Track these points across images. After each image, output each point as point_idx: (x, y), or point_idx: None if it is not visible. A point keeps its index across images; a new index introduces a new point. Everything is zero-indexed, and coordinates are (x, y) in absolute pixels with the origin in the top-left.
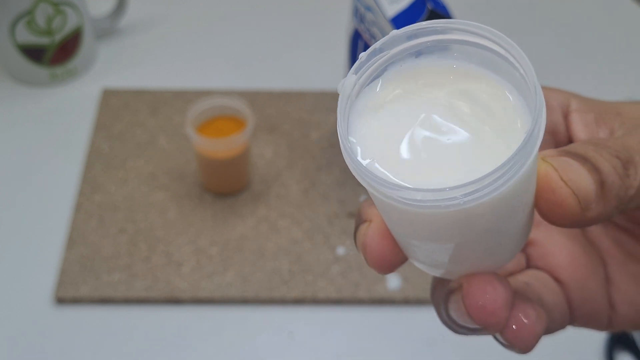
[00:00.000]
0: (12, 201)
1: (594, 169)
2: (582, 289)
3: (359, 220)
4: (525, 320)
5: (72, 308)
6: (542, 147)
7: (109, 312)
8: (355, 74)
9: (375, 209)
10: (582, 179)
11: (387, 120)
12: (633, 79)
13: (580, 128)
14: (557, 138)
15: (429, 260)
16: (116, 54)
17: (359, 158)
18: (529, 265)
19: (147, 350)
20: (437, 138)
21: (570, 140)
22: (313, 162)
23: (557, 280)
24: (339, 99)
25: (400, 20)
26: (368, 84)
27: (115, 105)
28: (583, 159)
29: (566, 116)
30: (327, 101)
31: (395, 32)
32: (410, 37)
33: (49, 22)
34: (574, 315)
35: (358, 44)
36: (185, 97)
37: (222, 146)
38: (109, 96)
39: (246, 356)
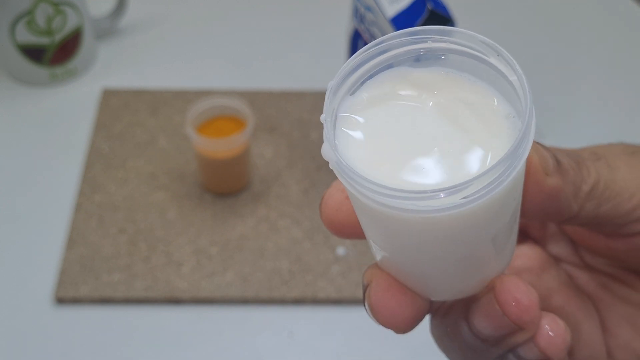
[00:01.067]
0: (12, 201)
1: (550, 153)
2: (578, 332)
3: (364, 286)
4: (558, 326)
5: (72, 308)
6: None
7: (109, 312)
8: (340, 78)
9: (374, 268)
10: (540, 149)
11: (375, 123)
12: (633, 79)
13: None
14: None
15: (375, 244)
16: (116, 54)
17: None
18: None
19: (147, 350)
20: (428, 143)
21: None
22: (313, 162)
23: (551, 307)
24: (326, 95)
25: (400, 20)
26: (363, 82)
27: (115, 105)
28: (536, 143)
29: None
30: None
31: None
32: (411, 34)
33: (49, 22)
34: (572, 356)
35: (358, 44)
36: (185, 97)
37: (222, 146)
38: (109, 96)
39: (246, 356)
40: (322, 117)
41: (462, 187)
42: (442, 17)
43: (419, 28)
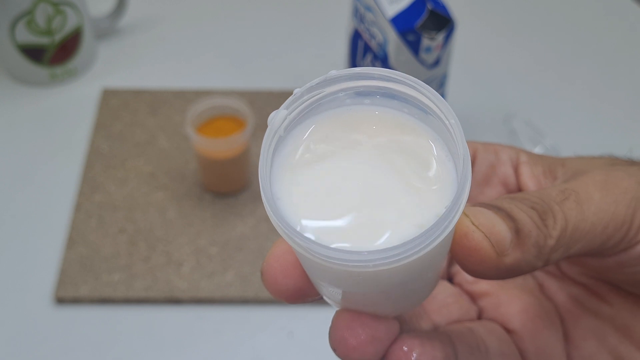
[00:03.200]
0: (12, 201)
1: (508, 217)
2: (536, 339)
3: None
4: (403, 358)
5: (72, 308)
6: (494, 196)
7: (108, 312)
8: (287, 109)
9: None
10: (495, 224)
11: (313, 172)
12: (633, 79)
13: (529, 178)
14: (508, 188)
15: (328, 296)
16: (116, 54)
17: (280, 206)
18: (481, 317)
19: (147, 350)
20: (364, 191)
21: (519, 190)
22: None
23: (508, 330)
24: (266, 134)
25: (400, 20)
26: (298, 125)
27: (115, 105)
28: (497, 208)
29: (516, 168)
30: None
31: (333, 72)
32: (348, 79)
33: (49, 22)
34: None
35: (358, 43)
36: (185, 97)
37: (222, 146)
38: (108, 96)
39: (246, 356)
40: (260, 168)
41: (409, 246)
42: (442, 17)
43: (362, 70)
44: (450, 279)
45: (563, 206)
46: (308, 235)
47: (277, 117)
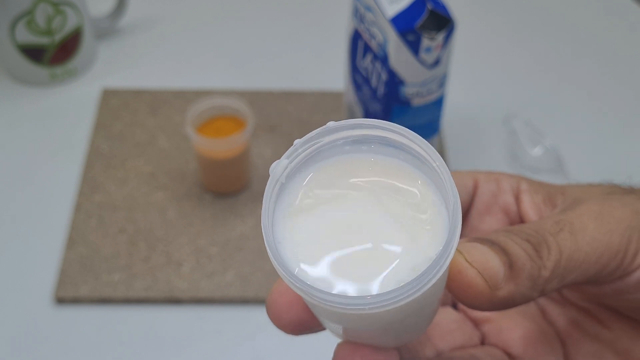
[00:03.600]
0: (12, 201)
1: (502, 251)
2: None
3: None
4: None
5: (72, 308)
6: (495, 225)
7: (108, 312)
8: (288, 159)
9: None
10: (489, 259)
11: (312, 217)
12: (633, 79)
13: (529, 207)
14: (510, 217)
15: (331, 329)
16: (116, 53)
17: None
18: (484, 342)
19: (147, 350)
20: (360, 234)
21: (520, 218)
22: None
23: (510, 355)
24: (268, 182)
25: (400, 20)
26: (298, 172)
27: (115, 105)
28: (491, 243)
29: (517, 197)
30: (327, 101)
31: (331, 123)
32: (346, 129)
33: (49, 22)
34: None
35: (358, 43)
36: (185, 97)
37: (222, 146)
38: (108, 96)
39: (246, 356)
40: (263, 223)
41: (403, 291)
42: (442, 17)
43: (359, 121)
44: (454, 304)
45: (557, 237)
46: (307, 278)
47: (278, 167)
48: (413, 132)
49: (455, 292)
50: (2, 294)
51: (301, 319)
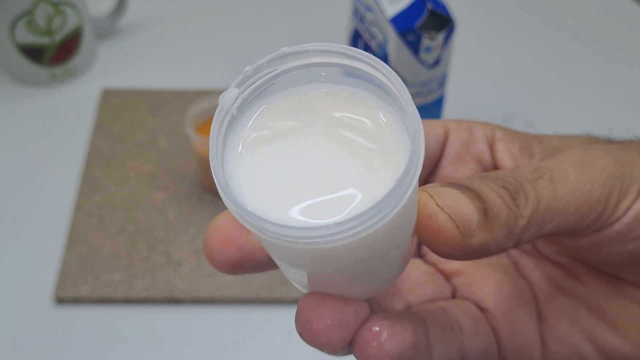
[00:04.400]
0: (12, 201)
1: (476, 197)
2: (509, 318)
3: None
4: (372, 340)
5: (71, 308)
6: (468, 174)
7: (108, 312)
8: (238, 88)
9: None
10: (461, 205)
11: (265, 151)
12: (632, 78)
13: (505, 155)
14: (483, 166)
15: (294, 279)
16: (116, 53)
17: (231, 187)
18: (455, 295)
19: (146, 350)
20: (317, 169)
21: (494, 167)
22: None
23: (482, 309)
24: (216, 112)
25: (400, 20)
26: (248, 102)
27: (115, 105)
28: (465, 188)
29: (491, 145)
30: None
31: (285, 49)
32: (298, 55)
33: (49, 22)
34: (502, 347)
35: (358, 43)
36: (184, 97)
37: None
38: (108, 96)
39: (246, 356)
40: (211, 142)
41: (360, 220)
42: (442, 17)
43: (315, 46)
44: (422, 256)
45: (536, 185)
46: (259, 214)
47: (227, 95)
48: (376, 58)
49: (425, 238)
50: (2, 294)
51: (234, 257)
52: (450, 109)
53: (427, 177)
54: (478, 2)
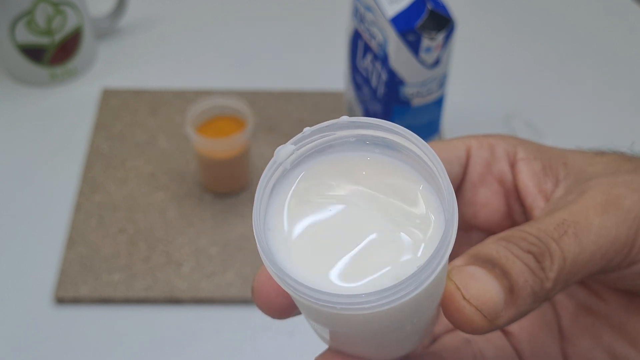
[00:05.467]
0: (12, 201)
1: (503, 274)
2: (532, 338)
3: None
4: None
5: (71, 308)
6: (490, 196)
7: (108, 312)
8: (295, 145)
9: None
10: (488, 289)
11: (311, 214)
12: (633, 79)
13: (527, 178)
14: (505, 187)
15: (317, 332)
16: (116, 54)
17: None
18: None
19: (147, 350)
20: (353, 236)
21: (516, 188)
22: None
23: (505, 332)
24: (269, 165)
25: (400, 20)
26: (302, 163)
27: (115, 105)
28: (491, 264)
29: (513, 165)
30: (327, 101)
31: (345, 118)
32: (356, 126)
33: (49, 22)
34: None
35: (358, 44)
36: (185, 97)
37: (222, 146)
38: (108, 96)
39: (246, 356)
40: (254, 223)
41: (389, 293)
42: (442, 17)
43: (372, 121)
44: None
45: (561, 243)
46: (294, 274)
47: (283, 150)
48: (420, 140)
49: (452, 323)
50: (2, 294)
51: (290, 304)
52: (450, 109)
53: None
54: (478, 2)
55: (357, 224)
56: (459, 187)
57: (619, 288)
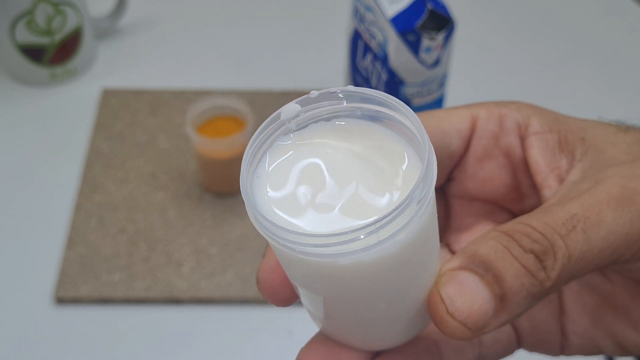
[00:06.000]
0: (12, 201)
1: (496, 279)
2: (531, 316)
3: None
4: None
5: (72, 308)
6: (496, 170)
7: (108, 312)
8: (302, 107)
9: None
10: (476, 302)
11: (293, 162)
12: (633, 79)
13: (539, 153)
14: (512, 160)
15: (308, 308)
16: (116, 53)
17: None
18: None
19: (147, 350)
20: (346, 186)
21: (527, 163)
22: None
23: None
24: (270, 118)
25: (400, 20)
26: (301, 128)
27: (115, 105)
28: (485, 268)
29: (524, 138)
30: None
31: (351, 88)
32: (360, 98)
33: (49, 22)
34: (523, 342)
35: (358, 43)
36: (185, 97)
37: (222, 146)
38: (108, 96)
39: (246, 356)
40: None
41: (378, 225)
42: (442, 17)
43: (341, 90)
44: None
45: (567, 239)
46: (277, 222)
47: (288, 107)
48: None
49: (438, 329)
50: (2, 294)
51: (292, 294)
52: None
53: (451, 173)
54: (478, 2)
55: (346, 175)
56: (461, 160)
57: (626, 276)
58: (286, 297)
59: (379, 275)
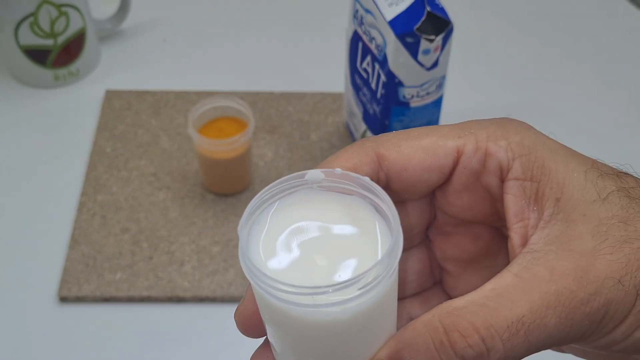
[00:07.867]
0: (16, 201)
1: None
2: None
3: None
4: None
5: (75, 307)
6: (475, 202)
7: (111, 310)
8: (325, 175)
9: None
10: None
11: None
12: (632, 80)
13: (512, 201)
14: (492, 197)
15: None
16: (119, 55)
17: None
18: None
19: (149, 348)
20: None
21: (503, 207)
22: (313, 162)
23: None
24: (291, 177)
25: (399, 22)
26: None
27: (118, 107)
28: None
29: (503, 181)
30: (327, 103)
31: (339, 170)
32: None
33: (52, 24)
34: None
35: (358, 46)
36: (187, 98)
37: (223, 147)
38: (111, 97)
39: (248, 354)
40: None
41: (348, 284)
42: (440, 20)
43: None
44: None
45: (508, 343)
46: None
47: (313, 173)
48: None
49: None
50: (7, 293)
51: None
52: (448, 111)
53: (438, 189)
54: (476, 5)
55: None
56: (441, 188)
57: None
58: (259, 329)
59: (321, 333)
